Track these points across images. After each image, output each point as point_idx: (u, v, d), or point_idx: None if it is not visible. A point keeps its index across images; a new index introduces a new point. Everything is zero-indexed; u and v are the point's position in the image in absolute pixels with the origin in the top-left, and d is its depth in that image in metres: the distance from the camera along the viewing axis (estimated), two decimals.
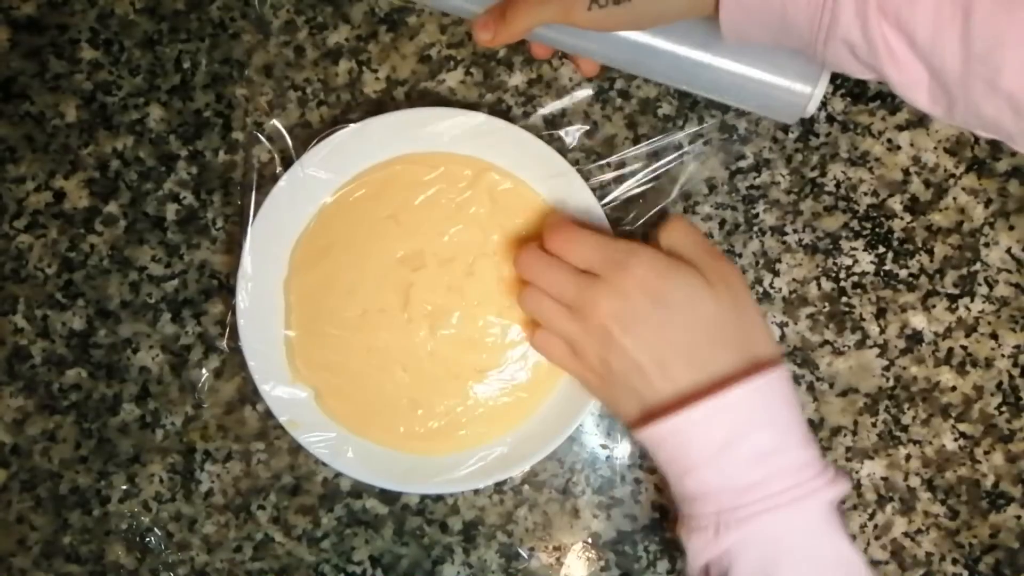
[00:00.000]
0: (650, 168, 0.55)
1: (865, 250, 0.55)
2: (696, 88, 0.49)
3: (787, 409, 0.44)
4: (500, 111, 0.56)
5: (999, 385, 0.55)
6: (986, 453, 0.55)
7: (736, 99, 0.49)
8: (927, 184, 0.55)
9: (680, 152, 0.56)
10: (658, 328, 0.44)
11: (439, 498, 0.56)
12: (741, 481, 0.43)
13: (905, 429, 0.55)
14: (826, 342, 0.55)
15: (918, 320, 0.55)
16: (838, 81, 0.55)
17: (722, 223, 0.56)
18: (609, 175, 0.56)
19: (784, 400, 0.44)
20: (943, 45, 0.39)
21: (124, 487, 0.56)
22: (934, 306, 0.55)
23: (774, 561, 0.42)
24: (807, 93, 0.46)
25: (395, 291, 0.54)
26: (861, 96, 0.56)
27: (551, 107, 0.56)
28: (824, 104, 0.56)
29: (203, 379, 0.56)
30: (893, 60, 0.40)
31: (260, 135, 0.56)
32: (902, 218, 0.55)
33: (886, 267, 0.55)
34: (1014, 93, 0.39)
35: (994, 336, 0.55)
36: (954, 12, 0.38)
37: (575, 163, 0.54)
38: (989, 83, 0.39)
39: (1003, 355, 0.55)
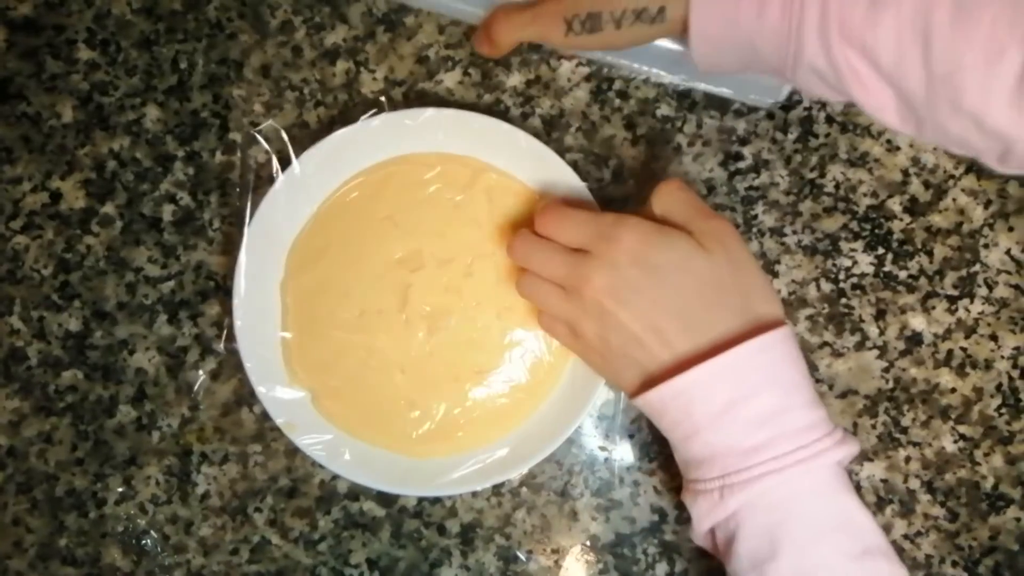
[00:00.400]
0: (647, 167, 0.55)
1: (864, 251, 0.55)
2: (677, 72, 0.49)
3: (792, 369, 0.44)
4: (498, 111, 0.56)
5: (999, 387, 0.55)
6: (986, 455, 0.55)
7: (717, 80, 0.52)
8: (926, 185, 0.55)
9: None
10: (652, 296, 0.44)
11: (437, 500, 0.56)
12: (746, 443, 0.42)
13: (905, 431, 0.55)
14: (825, 344, 0.55)
15: (918, 322, 0.55)
16: None
17: None
18: (607, 175, 0.56)
19: (788, 360, 0.44)
20: (906, 68, 0.40)
21: (120, 489, 0.56)
22: (934, 307, 0.55)
23: (780, 524, 0.42)
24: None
25: (393, 292, 0.53)
26: None
27: (549, 107, 0.56)
28: (823, 105, 0.56)
29: (199, 381, 0.56)
30: (860, 84, 0.42)
31: (257, 136, 0.56)
32: (901, 219, 0.55)
33: (885, 268, 0.55)
34: (977, 112, 0.40)
35: (994, 338, 0.55)
36: (914, 36, 0.39)
37: (573, 164, 0.54)
38: (952, 103, 0.40)
39: (1003, 357, 0.55)
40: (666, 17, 0.43)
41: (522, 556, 0.55)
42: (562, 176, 0.52)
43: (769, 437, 0.42)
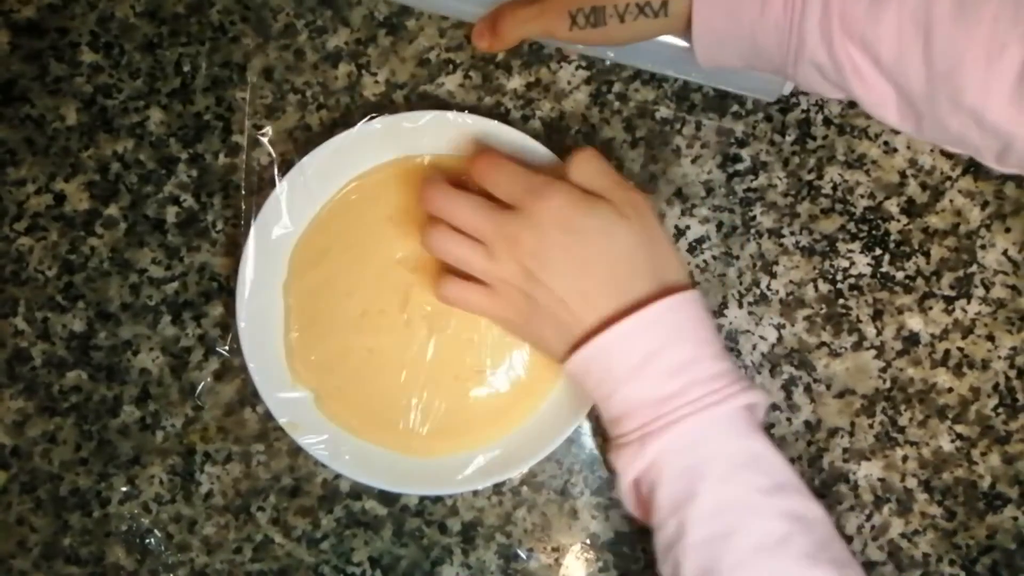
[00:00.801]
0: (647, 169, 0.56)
1: (862, 252, 0.56)
2: (679, 70, 0.50)
3: (701, 327, 0.46)
4: (499, 114, 0.56)
5: (996, 387, 0.55)
6: (983, 454, 0.55)
7: (717, 78, 0.52)
8: (924, 187, 0.56)
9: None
10: (577, 261, 0.45)
11: (438, 499, 0.56)
12: (661, 392, 0.44)
13: (902, 430, 0.55)
14: (823, 344, 0.56)
15: (915, 322, 0.56)
16: None
17: (719, 225, 0.56)
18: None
19: (697, 318, 0.46)
20: (907, 64, 0.41)
21: (124, 489, 0.56)
22: (931, 308, 0.56)
23: (696, 465, 0.43)
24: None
25: (394, 292, 0.54)
26: None
27: (549, 110, 0.56)
28: (821, 107, 0.56)
29: (203, 381, 0.56)
30: (860, 80, 0.42)
31: (260, 138, 0.56)
32: (899, 220, 0.56)
33: (883, 269, 0.56)
34: (977, 109, 0.40)
35: (991, 338, 0.55)
36: (916, 32, 0.40)
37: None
38: (952, 100, 0.40)
39: (1000, 357, 0.55)
40: (669, 11, 0.44)
41: (523, 554, 0.56)
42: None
43: (681, 385, 0.44)
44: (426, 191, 0.49)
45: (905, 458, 0.55)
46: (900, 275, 0.56)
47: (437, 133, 0.53)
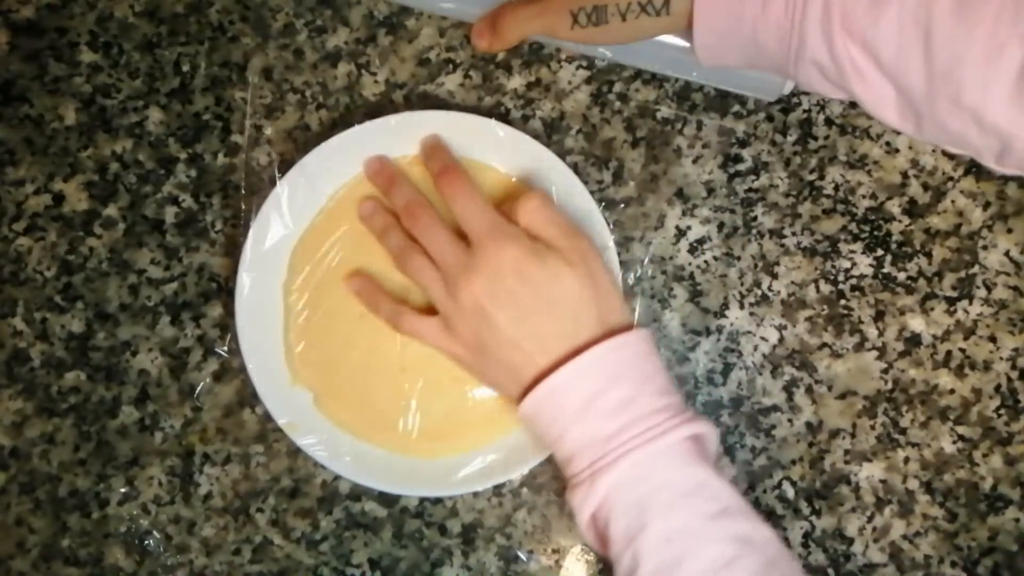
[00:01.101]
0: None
1: (863, 253, 0.56)
2: (679, 71, 0.50)
3: (642, 365, 0.47)
4: (499, 114, 0.56)
5: (997, 388, 0.55)
6: (984, 456, 0.55)
7: (718, 78, 0.52)
8: (925, 187, 0.56)
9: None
10: (527, 307, 0.47)
11: (438, 501, 0.56)
12: (606, 430, 0.45)
13: (904, 432, 0.55)
14: (824, 345, 0.56)
15: (916, 323, 0.55)
16: None
17: (720, 226, 0.56)
18: (608, 177, 0.56)
19: (639, 357, 0.47)
20: (907, 63, 0.41)
21: (123, 490, 0.56)
22: (932, 309, 0.55)
23: (644, 497, 0.44)
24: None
25: (393, 293, 0.54)
26: None
27: (550, 110, 0.56)
28: (822, 107, 0.56)
29: (202, 382, 0.56)
30: (861, 79, 0.42)
31: (259, 138, 0.56)
32: (900, 221, 0.56)
33: (884, 270, 0.56)
34: (977, 109, 0.40)
35: (992, 339, 0.55)
36: (916, 31, 0.40)
37: (574, 166, 0.54)
38: (953, 99, 0.40)
39: (1001, 358, 0.55)
40: (671, 9, 0.44)
41: (523, 556, 0.55)
42: (562, 178, 0.53)
43: (624, 422, 0.45)
44: (409, 211, 0.51)
45: (907, 459, 0.55)
46: (902, 276, 0.55)
47: (438, 133, 0.53)
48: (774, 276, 0.56)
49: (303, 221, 0.54)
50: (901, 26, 0.40)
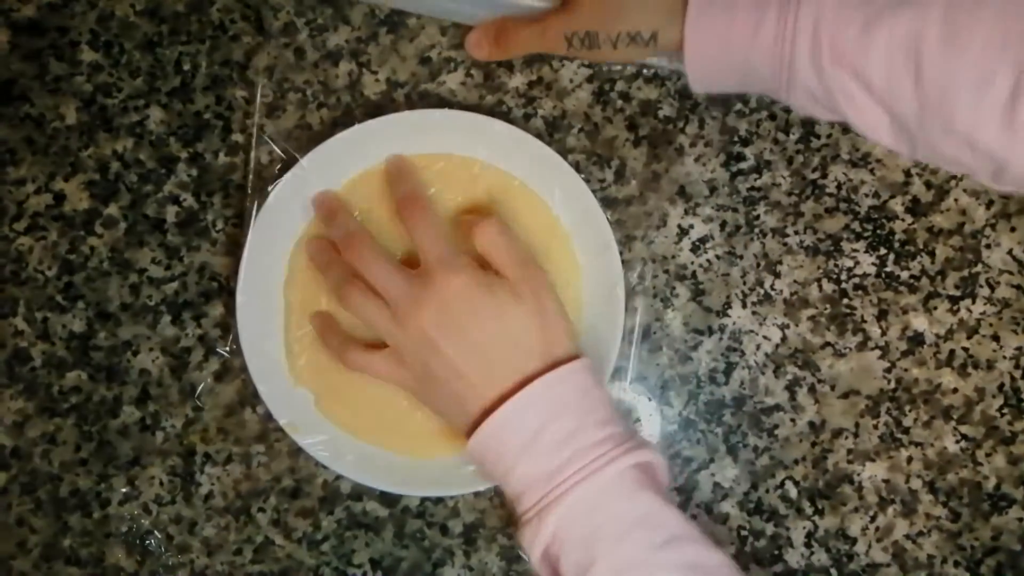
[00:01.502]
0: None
1: (866, 252, 0.55)
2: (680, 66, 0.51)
3: (585, 396, 0.46)
4: (500, 113, 0.56)
5: (1001, 387, 0.55)
6: (988, 455, 0.55)
7: None
8: (928, 186, 0.55)
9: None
10: (475, 338, 0.47)
11: (439, 501, 0.56)
12: (550, 466, 0.45)
13: (907, 431, 0.55)
14: (827, 344, 0.55)
15: (919, 322, 0.55)
16: None
17: (723, 224, 0.56)
18: (609, 175, 0.56)
19: (581, 389, 0.46)
20: (898, 90, 0.41)
21: (124, 490, 0.56)
22: (935, 308, 0.55)
23: (592, 534, 0.44)
24: None
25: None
26: None
27: (551, 109, 0.56)
28: None
29: (203, 382, 0.56)
30: (853, 105, 0.43)
31: (260, 137, 0.56)
32: (903, 220, 0.55)
33: (887, 269, 0.55)
34: (969, 134, 0.41)
35: (995, 338, 0.55)
36: (906, 59, 0.40)
37: (576, 165, 0.54)
38: (945, 125, 0.41)
39: (1005, 357, 0.55)
40: (659, 42, 0.46)
41: (524, 556, 0.55)
42: (564, 177, 0.53)
43: (568, 456, 0.45)
44: (350, 244, 0.50)
45: (910, 459, 0.55)
46: (905, 275, 0.55)
47: (439, 132, 0.53)
48: (776, 275, 0.56)
49: (304, 220, 0.54)
50: (890, 54, 0.40)
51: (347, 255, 0.50)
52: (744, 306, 0.56)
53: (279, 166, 0.55)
